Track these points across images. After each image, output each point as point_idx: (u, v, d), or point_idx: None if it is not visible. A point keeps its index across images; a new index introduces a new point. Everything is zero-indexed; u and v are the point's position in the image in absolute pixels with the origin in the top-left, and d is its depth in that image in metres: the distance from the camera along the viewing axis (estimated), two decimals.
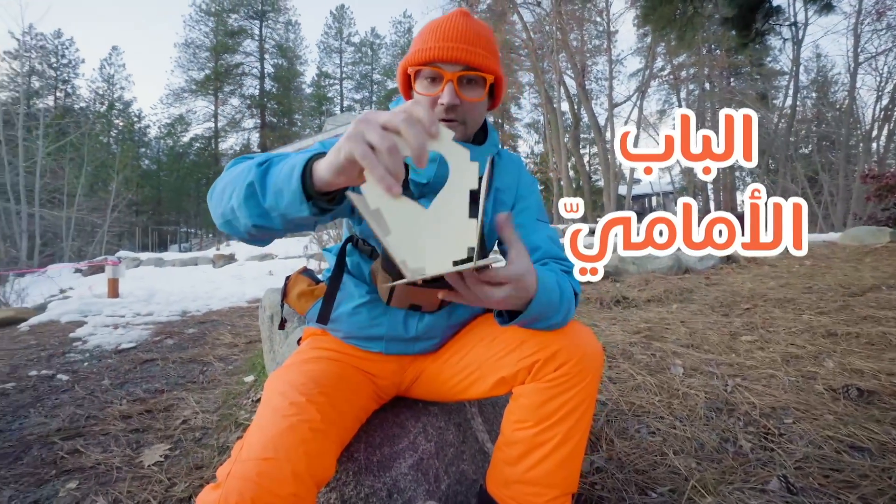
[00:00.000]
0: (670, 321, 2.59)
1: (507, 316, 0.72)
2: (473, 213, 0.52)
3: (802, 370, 1.74)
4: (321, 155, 0.55)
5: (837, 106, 21.37)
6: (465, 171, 0.51)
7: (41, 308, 4.48)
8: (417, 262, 0.50)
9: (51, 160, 18.79)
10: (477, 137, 0.87)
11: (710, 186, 25.13)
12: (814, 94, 23.30)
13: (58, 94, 29.06)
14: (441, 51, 0.75)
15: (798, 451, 1.19)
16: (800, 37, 16.68)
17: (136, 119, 33.33)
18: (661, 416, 1.45)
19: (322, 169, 0.53)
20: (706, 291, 3.46)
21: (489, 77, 0.78)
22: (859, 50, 16.74)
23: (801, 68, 19.82)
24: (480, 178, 0.55)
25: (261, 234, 0.65)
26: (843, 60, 23.39)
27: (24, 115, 18.28)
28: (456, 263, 0.51)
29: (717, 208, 23.38)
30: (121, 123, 32.25)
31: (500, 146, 0.93)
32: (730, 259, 4.83)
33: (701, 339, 2.23)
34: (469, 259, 0.51)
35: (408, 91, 0.85)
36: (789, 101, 18.57)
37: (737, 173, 26.32)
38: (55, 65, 29.05)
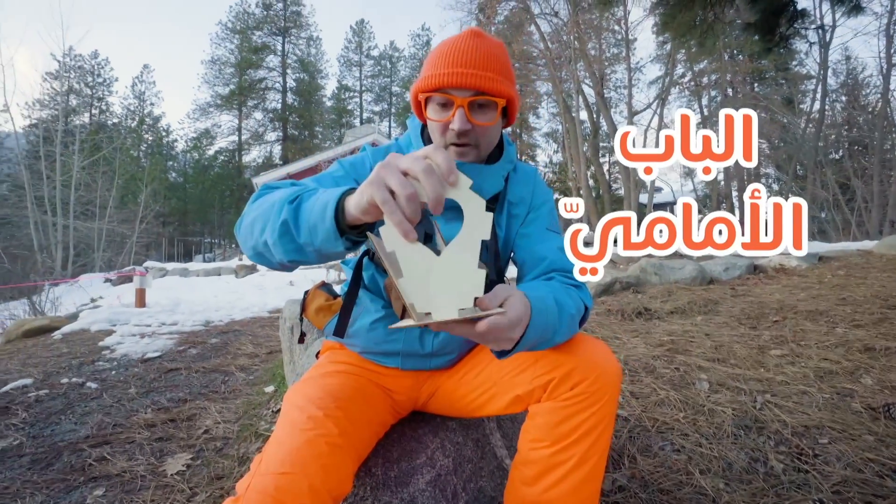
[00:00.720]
0: (695, 334, 2.52)
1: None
2: (484, 260, 0.55)
3: (837, 387, 1.66)
4: (351, 191, 0.58)
5: (869, 109, 20.63)
6: (478, 221, 0.52)
7: (73, 317, 4.65)
8: (424, 308, 0.52)
9: (85, 174, 19.67)
10: (492, 155, 0.87)
11: (734, 193, 24.51)
12: (844, 98, 22.56)
13: (93, 111, 30.49)
14: (451, 77, 0.74)
15: (835, 473, 1.13)
16: (827, 39, 16.22)
17: (164, 133, 34.73)
18: (686, 433, 1.40)
19: (351, 207, 0.55)
20: (732, 303, 3.35)
21: (500, 101, 0.77)
22: (892, 51, 16.15)
23: (830, 71, 19.22)
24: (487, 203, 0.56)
25: (294, 265, 0.68)
26: (875, 62, 22.64)
27: (62, 131, 19.22)
28: (461, 311, 0.53)
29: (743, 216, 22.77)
30: (150, 138, 33.65)
31: (515, 160, 0.92)
32: (757, 269, 4.68)
33: (727, 352, 2.15)
34: (474, 308, 0.53)
35: (421, 113, 0.85)
36: (817, 106, 18.00)
37: (762, 180, 25.63)
38: (91, 84, 30.56)
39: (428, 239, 0.68)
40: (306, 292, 0.99)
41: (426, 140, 0.86)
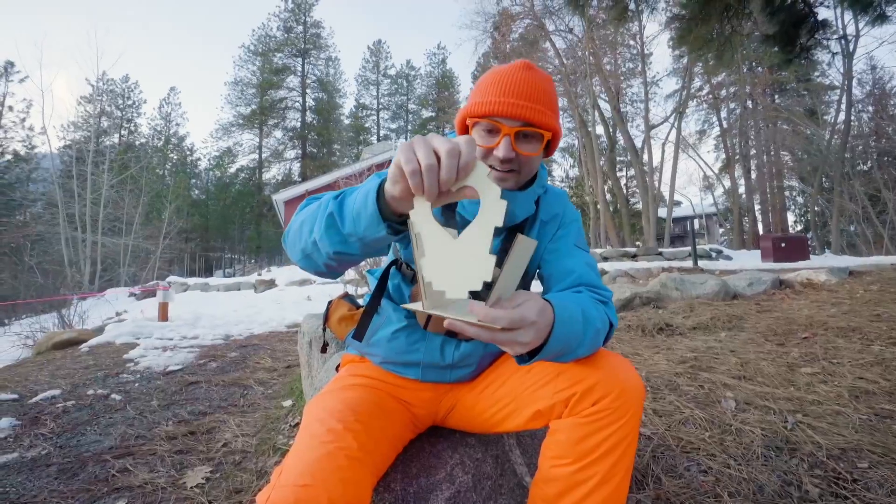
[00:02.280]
0: (719, 350, 2.44)
1: (527, 355, 0.67)
2: (495, 249, 0.55)
3: (875, 407, 1.58)
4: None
5: None
6: (493, 208, 0.54)
7: (99, 330, 4.78)
8: (440, 286, 0.55)
9: (113, 192, 20.44)
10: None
11: (757, 206, 23.97)
12: (871, 108, 22.00)
13: (122, 131, 31.85)
14: (501, 106, 0.75)
15: (878, 500, 1.07)
16: (851, 49, 15.94)
17: (188, 152, 36.00)
18: (713, 453, 1.35)
19: (387, 184, 0.59)
20: (757, 319, 3.24)
21: (546, 134, 0.78)
22: None
23: (855, 81, 18.80)
24: (519, 225, 0.60)
25: (339, 261, 0.71)
26: None
27: (93, 151, 20.09)
28: (471, 294, 0.55)
29: (766, 230, 22.18)
30: (175, 157, 34.89)
31: (546, 184, 0.93)
32: (783, 284, 4.53)
33: (754, 370, 2.08)
34: (479, 292, 0.54)
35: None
36: (842, 116, 17.59)
37: (787, 193, 25.03)
38: (121, 106, 32.02)
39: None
40: (329, 302, 1.01)
41: None
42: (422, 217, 0.55)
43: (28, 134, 25.88)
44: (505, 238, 0.88)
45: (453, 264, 0.55)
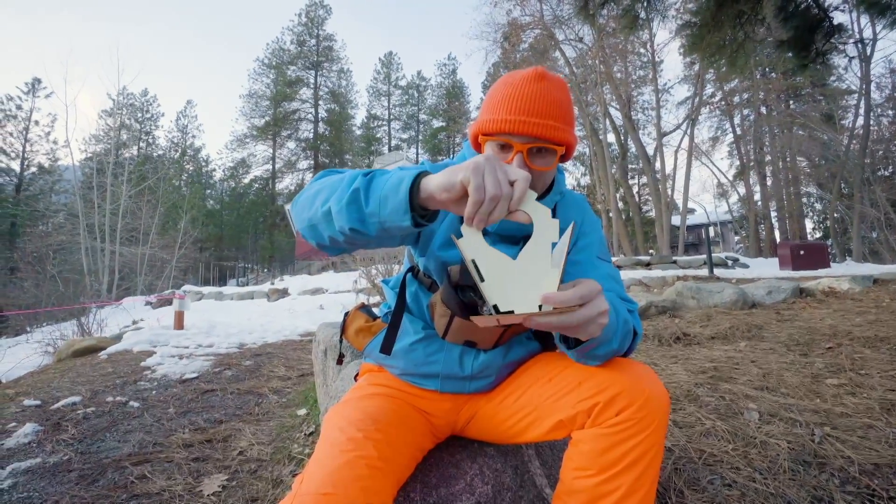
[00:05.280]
0: (739, 360, 2.38)
1: (573, 341, 0.71)
2: (555, 262, 0.58)
3: None
4: (426, 173, 0.62)
5: None
6: (546, 227, 0.59)
7: (117, 338, 4.86)
8: (507, 306, 0.57)
9: (131, 203, 20.92)
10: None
11: (773, 214, 23.52)
12: (890, 112, 21.55)
13: (141, 143, 32.70)
14: (512, 124, 0.74)
15: None
16: (868, 53, 15.69)
17: (204, 163, 36.76)
18: (737, 466, 1.31)
19: (432, 183, 0.59)
20: (778, 328, 3.17)
21: (559, 149, 0.77)
22: None
23: (873, 85, 18.47)
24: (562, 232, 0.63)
25: (349, 240, 0.70)
26: None
27: (113, 163, 20.63)
28: (540, 308, 0.57)
29: (784, 237, 21.73)
30: (191, 168, 35.66)
31: (564, 189, 0.93)
32: (804, 292, 4.43)
33: (777, 381, 2.02)
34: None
35: (477, 147, 0.86)
36: (861, 121, 17.25)
37: (804, 199, 24.56)
38: (140, 119, 32.92)
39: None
40: (346, 313, 1.01)
41: None
42: (474, 243, 0.58)
43: (52, 147, 26.79)
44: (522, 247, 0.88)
45: (516, 284, 0.57)
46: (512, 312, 0.56)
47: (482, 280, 0.57)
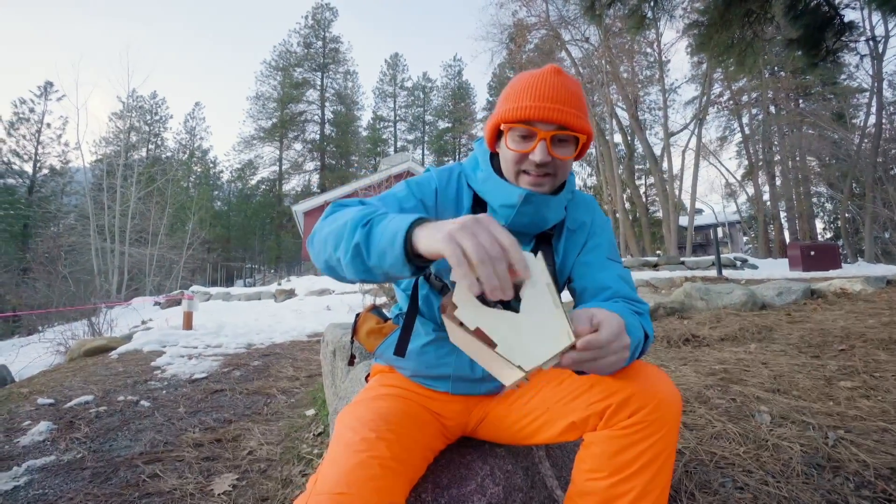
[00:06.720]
0: (749, 362, 2.36)
1: None
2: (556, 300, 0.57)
3: None
4: (420, 220, 0.60)
5: None
6: (536, 270, 0.57)
7: (127, 338, 4.92)
8: (529, 365, 0.54)
9: (140, 204, 21.15)
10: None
11: (783, 214, 23.27)
12: None
13: (150, 145, 33.05)
14: (536, 111, 0.75)
15: None
16: (880, 51, 15.49)
17: (211, 165, 37.08)
18: (749, 469, 1.30)
19: (420, 243, 0.57)
20: (789, 329, 3.13)
21: (582, 137, 0.79)
22: None
23: (885, 83, 18.20)
24: (547, 232, 0.63)
25: (363, 282, 0.71)
26: None
27: (122, 165, 20.87)
28: (563, 349, 0.55)
29: (794, 237, 21.49)
30: (199, 169, 35.98)
31: (575, 189, 0.93)
32: (815, 294, 4.38)
33: (789, 383, 2.00)
34: (570, 344, 0.55)
35: (494, 143, 0.86)
36: (873, 119, 17.02)
37: (814, 199, 24.26)
38: (149, 121, 33.27)
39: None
40: (357, 315, 1.01)
41: (496, 168, 0.87)
42: (471, 310, 0.56)
43: (63, 149, 27.17)
44: (534, 246, 0.88)
45: (528, 335, 0.55)
46: (539, 366, 0.54)
47: (494, 346, 0.55)
